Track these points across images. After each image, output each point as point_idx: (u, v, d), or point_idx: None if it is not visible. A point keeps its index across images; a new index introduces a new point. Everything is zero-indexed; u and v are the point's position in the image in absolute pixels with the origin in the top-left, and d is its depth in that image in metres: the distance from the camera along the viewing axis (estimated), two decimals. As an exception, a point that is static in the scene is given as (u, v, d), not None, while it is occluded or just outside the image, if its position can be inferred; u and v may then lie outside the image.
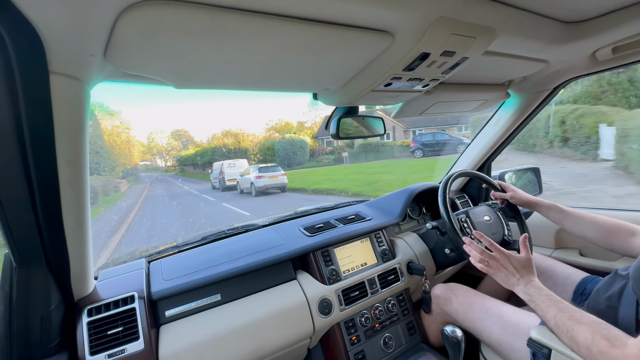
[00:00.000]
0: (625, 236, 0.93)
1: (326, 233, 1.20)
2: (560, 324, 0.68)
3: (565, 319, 0.68)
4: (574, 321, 0.66)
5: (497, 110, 1.44)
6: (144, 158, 57.09)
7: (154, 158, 58.70)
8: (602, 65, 1.02)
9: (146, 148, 56.43)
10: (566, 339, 0.67)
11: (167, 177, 30.20)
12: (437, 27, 0.61)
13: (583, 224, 1.02)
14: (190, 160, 31.64)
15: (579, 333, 0.64)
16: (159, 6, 0.44)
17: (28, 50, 0.46)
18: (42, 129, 0.55)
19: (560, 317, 0.69)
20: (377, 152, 19.00)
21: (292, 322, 0.98)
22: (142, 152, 55.38)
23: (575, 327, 0.65)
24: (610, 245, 0.96)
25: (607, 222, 0.97)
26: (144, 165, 54.86)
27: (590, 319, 0.65)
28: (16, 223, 0.61)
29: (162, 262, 1.05)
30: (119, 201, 13.25)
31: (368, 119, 1.12)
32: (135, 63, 0.58)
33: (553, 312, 0.71)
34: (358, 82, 0.83)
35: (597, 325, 0.63)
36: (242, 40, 0.55)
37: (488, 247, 0.93)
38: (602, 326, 0.63)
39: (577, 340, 0.64)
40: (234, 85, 0.78)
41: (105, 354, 0.75)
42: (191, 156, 32.29)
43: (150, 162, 58.46)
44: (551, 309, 0.72)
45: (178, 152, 50.54)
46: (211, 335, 0.86)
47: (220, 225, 1.36)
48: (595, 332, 0.61)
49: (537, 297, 0.76)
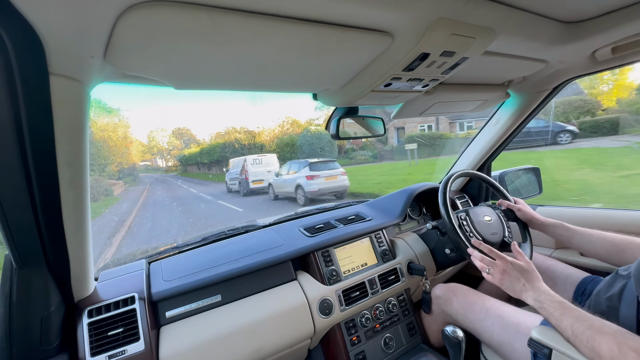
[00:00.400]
0: (637, 251, 0.89)
1: (326, 233, 1.20)
2: (578, 334, 0.65)
3: (584, 328, 0.64)
4: (595, 331, 0.62)
5: (497, 110, 1.45)
6: (144, 158, 55.22)
7: (154, 158, 56.64)
8: (602, 65, 1.02)
9: (146, 147, 55.21)
10: (586, 350, 0.63)
11: (169, 177, 28.94)
12: (436, 28, 0.61)
13: (592, 241, 0.98)
14: (194, 159, 29.92)
15: (601, 343, 0.60)
16: (159, 7, 0.44)
17: (28, 52, 0.46)
18: (42, 131, 0.55)
19: (578, 327, 0.65)
20: (431, 146, 14.98)
21: (292, 322, 0.98)
22: (142, 152, 53.78)
23: (597, 337, 0.61)
24: (623, 261, 0.92)
25: (617, 239, 0.94)
26: (144, 165, 53.00)
27: (613, 329, 0.62)
28: (16, 224, 0.61)
29: (163, 263, 1.05)
30: (105, 211, 9.64)
31: (368, 119, 1.12)
32: (135, 64, 0.58)
33: (569, 320, 0.67)
34: (358, 83, 0.83)
35: (622, 335, 0.60)
36: (241, 41, 0.55)
37: (488, 254, 0.92)
38: (628, 336, 0.59)
39: (600, 352, 0.60)
40: (234, 85, 0.78)
41: (106, 355, 0.75)
42: (195, 155, 30.38)
43: (151, 162, 56.53)
44: (566, 317, 0.68)
45: (180, 151, 48.89)
46: (212, 336, 0.86)
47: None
48: (622, 343, 0.58)
49: (548, 304, 0.73)
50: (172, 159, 50.64)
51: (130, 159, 35.25)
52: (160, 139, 56.20)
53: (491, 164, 1.68)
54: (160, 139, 56.20)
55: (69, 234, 0.68)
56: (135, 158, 41.95)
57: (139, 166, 50.01)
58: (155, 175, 35.07)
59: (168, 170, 44.00)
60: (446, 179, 1.16)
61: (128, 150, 32.74)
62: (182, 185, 18.35)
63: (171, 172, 38.53)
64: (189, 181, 20.99)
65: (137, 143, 51.96)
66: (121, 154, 26.11)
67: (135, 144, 49.40)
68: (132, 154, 37.76)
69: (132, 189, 17.45)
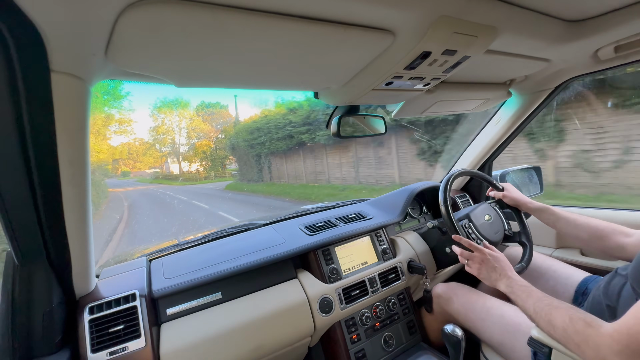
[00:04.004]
0: (619, 238, 0.92)
1: (327, 232, 1.20)
2: (538, 310, 0.71)
3: (543, 305, 0.71)
4: (552, 307, 0.69)
5: (499, 109, 1.44)
6: (135, 162, 40.41)
7: (164, 160, 38.48)
8: (604, 64, 1.01)
9: (145, 147, 39.50)
10: (544, 324, 0.70)
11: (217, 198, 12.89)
12: (438, 26, 0.61)
13: (576, 226, 1.01)
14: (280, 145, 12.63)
15: (556, 317, 0.67)
16: (160, 5, 0.44)
17: (29, 49, 0.46)
18: (43, 128, 0.55)
19: (538, 305, 0.72)
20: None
21: (292, 320, 0.98)
22: (137, 153, 39.72)
23: (552, 311, 0.68)
24: (603, 247, 0.96)
25: (600, 225, 0.97)
26: (152, 172, 39.10)
27: (567, 305, 0.69)
28: (18, 221, 0.61)
29: (163, 260, 1.05)
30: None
31: (369, 117, 1.12)
32: (137, 62, 0.58)
33: (532, 301, 0.74)
34: (359, 81, 0.83)
35: (574, 309, 0.67)
36: (243, 38, 0.55)
37: (468, 247, 0.97)
38: (579, 310, 0.66)
39: (555, 323, 0.67)
40: (235, 83, 0.78)
41: (107, 352, 0.75)
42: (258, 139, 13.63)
43: (160, 169, 39.49)
44: (530, 298, 0.75)
45: (212, 141, 29.29)
46: (212, 334, 0.86)
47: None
48: (573, 315, 0.65)
49: (517, 288, 0.80)
50: (200, 158, 30.68)
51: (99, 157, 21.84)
52: (174, 125, 34.75)
53: (492, 163, 1.68)
54: (174, 125, 34.75)
55: (70, 231, 0.69)
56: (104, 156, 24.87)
57: (146, 174, 35.97)
58: (164, 190, 18.60)
59: (191, 179, 26.68)
60: (447, 178, 1.16)
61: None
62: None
63: (204, 182, 21.28)
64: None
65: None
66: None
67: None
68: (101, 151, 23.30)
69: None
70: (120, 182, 32.19)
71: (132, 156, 43.15)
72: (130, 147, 42.35)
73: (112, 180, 36.21)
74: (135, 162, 44.08)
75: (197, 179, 26.81)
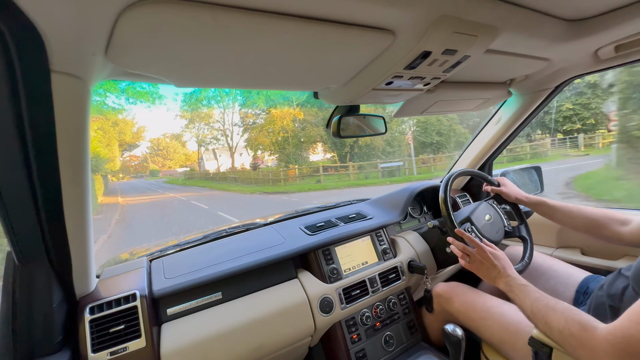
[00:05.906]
0: (615, 226, 0.94)
1: (327, 232, 1.20)
2: (536, 311, 0.71)
3: (540, 306, 0.71)
4: (548, 308, 0.69)
5: (499, 108, 1.44)
6: (165, 159, 32.99)
7: (200, 157, 30.29)
8: (605, 63, 1.01)
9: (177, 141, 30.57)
10: (541, 325, 0.70)
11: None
12: (438, 26, 0.61)
13: (572, 217, 1.03)
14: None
15: (552, 319, 0.67)
16: (160, 5, 0.44)
17: (29, 49, 0.46)
18: (43, 128, 0.55)
19: (536, 305, 0.72)
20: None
21: (293, 320, 0.98)
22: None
23: (549, 313, 0.68)
24: (601, 235, 0.97)
25: (596, 213, 0.98)
26: (183, 171, 32.25)
27: (564, 306, 0.68)
28: (18, 221, 0.61)
29: (164, 260, 1.05)
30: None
31: (369, 117, 1.12)
32: (137, 62, 0.58)
33: (529, 301, 0.74)
34: (359, 81, 0.83)
35: (569, 311, 0.66)
36: (242, 38, 0.55)
37: (469, 243, 0.97)
38: (574, 311, 0.66)
39: (551, 325, 0.66)
40: (234, 83, 0.78)
41: (108, 352, 0.75)
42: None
43: (193, 167, 30.94)
44: (527, 298, 0.75)
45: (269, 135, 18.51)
46: (212, 334, 0.86)
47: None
48: (568, 317, 0.64)
49: (516, 287, 0.80)
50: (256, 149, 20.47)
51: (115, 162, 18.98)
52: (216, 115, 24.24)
53: (492, 163, 1.68)
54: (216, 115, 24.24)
55: (70, 231, 0.69)
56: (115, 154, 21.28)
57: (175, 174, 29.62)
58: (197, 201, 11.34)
59: (257, 181, 15.98)
60: (447, 178, 1.16)
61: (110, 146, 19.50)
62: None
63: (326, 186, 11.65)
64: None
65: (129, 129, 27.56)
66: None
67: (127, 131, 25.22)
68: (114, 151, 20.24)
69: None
70: (144, 184, 29.01)
71: (161, 153, 39.89)
72: (159, 142, 38.03)
73: (140, 182, 31.94)
74: (165, 160, 40.98)
75: (268, 180, 14.41)
